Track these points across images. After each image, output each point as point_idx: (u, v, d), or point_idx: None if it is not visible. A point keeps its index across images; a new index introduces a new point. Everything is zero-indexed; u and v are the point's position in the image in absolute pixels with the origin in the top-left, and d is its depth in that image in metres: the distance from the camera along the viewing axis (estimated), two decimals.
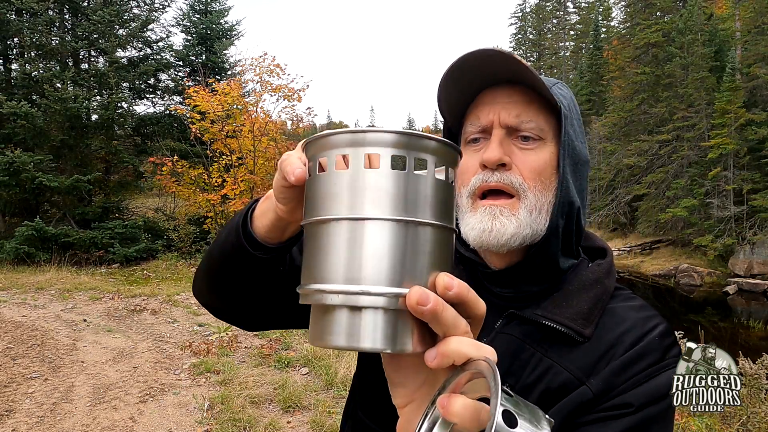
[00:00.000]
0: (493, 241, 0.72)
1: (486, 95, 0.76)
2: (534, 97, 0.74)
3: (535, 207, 0.73)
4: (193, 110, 12.07)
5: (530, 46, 49.88)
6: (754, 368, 3.89)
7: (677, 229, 20.32)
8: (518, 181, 0.73)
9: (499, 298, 0.80)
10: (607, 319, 0.74)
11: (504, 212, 0.73)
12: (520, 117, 0.74)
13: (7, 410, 4.23)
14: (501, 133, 0.74)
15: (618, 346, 0.71)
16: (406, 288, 0.41)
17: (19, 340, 5.84)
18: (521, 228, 0.72)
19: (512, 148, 0.74)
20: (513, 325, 0.76)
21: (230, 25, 15.41)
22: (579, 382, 0.69)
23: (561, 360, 0.71)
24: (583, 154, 0.78)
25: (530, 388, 0.71)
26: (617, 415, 0.67)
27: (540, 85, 0.72)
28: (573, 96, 0.81)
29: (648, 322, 0.74)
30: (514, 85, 0.75)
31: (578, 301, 0.74)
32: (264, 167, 13.01)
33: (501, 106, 0.74)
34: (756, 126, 17.92)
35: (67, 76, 11.29)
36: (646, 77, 23.41)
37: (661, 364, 0.70)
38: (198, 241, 12.41)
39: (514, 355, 0.73)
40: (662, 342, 0.72)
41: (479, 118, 0.76)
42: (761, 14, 19.49)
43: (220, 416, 4.30)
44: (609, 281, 0.78)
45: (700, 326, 8.02)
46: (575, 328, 0.71)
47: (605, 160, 25.72)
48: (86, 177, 11.03)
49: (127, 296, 8.09)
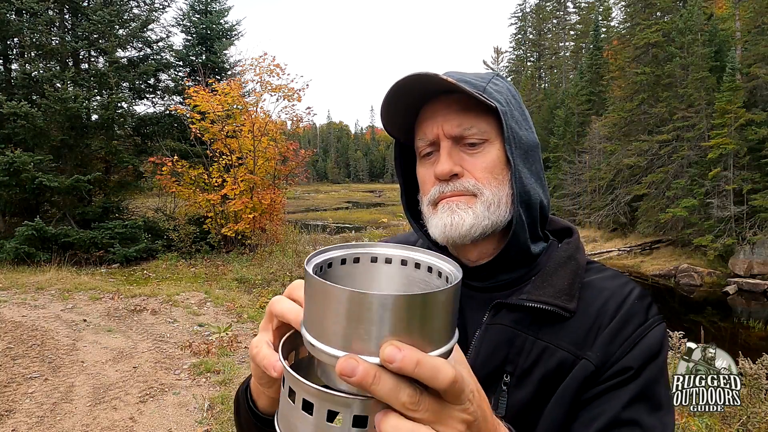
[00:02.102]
0: (455, 233, 0.77)
1: (427, 110, 0.80)
2: (471, 103, 0.77)
3: (493, 201, 0.77)
4: (193, 110, 12.07)
5: (530, 46, 49.89)
6: (754, 368, 3.89)
7: (677, 229, 20.31)
8: (471, 184, 0.77)
9: (480, 291, 0.83)
10: (586, 292, 0.78)
11: (461, 206, 0.77)
12: (462, 126, 0.77)
13: (7, 410, 4.23)
14: (448, 144, 0.78)
15: (603, 316, 0.75)
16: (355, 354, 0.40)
17: (19, 340, 5.84)
18: (478, 219, 0.76)
19: (461, 155, 0.78)
20: (501, 314, 0.78)
21: (230, 25, 15.40)
22: (574, 357, 0.72)
23: (553, 339, 0.74)
24: (530, 140, 0.82)
25: (529, 372, 0.74)
26: (621, 382, 0.70)
27: (471, 94, 0.74)
28: (510, 86, 0.84)
29: (624, 288, 0.78)
30: (449, 95, 0.78)
31: (557, 280, 0.78)
32: (264, 167, 13.02)
33: (443, 118, 0.78)
34: (756, 126, 17.92)
35: (67, 76, 11.29)
36: (646, 77, 23.40)
37: (646, 324, 0.74)
38: (198, 241, 12.41)
39: (509, 343, 0.76)
40: (642, 303, 0.76)
41: (425, 133, 0.80)
42: (761, 14, 19.49)
43: (220, 416, 4.30)
44: (581, 256, 0.83)
45: (701, 327, 8.02)
46: (560, 305, 0.75)
47: (605, 160, 25.72)
48: (86, 177, 11.03)
49: (127, 296, 8.08)
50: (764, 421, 3.64)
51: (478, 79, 0.80)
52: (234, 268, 10.59)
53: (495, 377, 0.75)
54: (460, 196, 0.78)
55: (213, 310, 7.76)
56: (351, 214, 36.86)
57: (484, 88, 0.78)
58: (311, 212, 38.51)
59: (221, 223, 12.50)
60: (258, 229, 12.43)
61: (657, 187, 21.83)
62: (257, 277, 9.70)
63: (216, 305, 7.97)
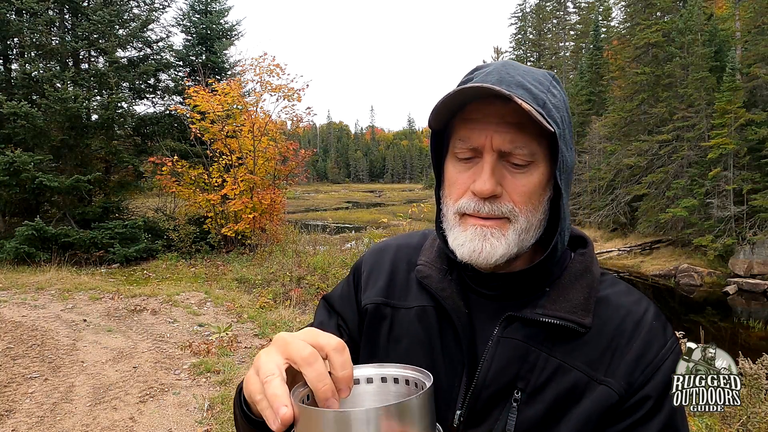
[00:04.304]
0: (482, 261, 0.73)
1: (477, 111, 0.72)
2: (526, 119, 0.70)
3: (524, 228, 0.73)
4: (193, 110, 12.07)
5: (530, 46, 49.88)
6: (754, 368, 3.88)
7: (677, 229, 20.30)
8: (508, 209, 0.72)
9: (489, 298, 0.80)
10: (602, 309, 0.75)
11: (495, 234, 0.72)
12: (513, 143, 0.71)
13: (7, 410, 4.23)
14: (493, 159, 0.71)
15: (619, 336, 0.73)
16: None
17: (19, 340, 5.84)
18: (509, 248, 0.73)
19: (503, 172, 0.72)
20: (513, 327, 0.75)
21: (230, 25, 15.39)
22: (588, 378, 0.71)
23: (567, 358, 0.72)
24: (572, 161, 0.77)
25: (541, 389, 0.72)
26: (646, 416, 0.70)
27: (537, 120, 0.68)
28: (564, 94, 0.78)
29: (639, 305, 0.77)
30: (507, 102, 0.69)
31: (573, 293, 0.76)
32: (264, 167, 13.02)
33: (494, 129, 0.71)
34: (756, 126, 17.91)
35: (67, 76, 11.29)
36: (646, 77, 23.40)
37: (666, 347, 0.73)
38: (198, 241, 12.41)
39: (522, 359, 0.73)
40: (659, 324, 0.75)
41: (470, 138, 0.73)
42: (761, 14, 19.49)
43: (220, 416, 4.30)
44: (595, 268, 0.80)
45: (701, 327, 8.02)
46: (576, 320, 0.73)
47: (605, 160, 25.71)
48: (86, 177, 11.02)
49: (127, 296, 8.08)
50: (764, 421, 3.64)
51: (536, 84, 0.73)
52: (234, 268, 10.59)
53: (505, 393, 0.73)
54: (494, 220, 0.73)
55: (213, 310, 7.76)
56: (351, 214, 36.87)
57: (544, 102, 0.71)
58: (311, 212, 38.52)
59: (221, 223, 12.50)
60: (258, 229, 12.43)
61: (657, 187, 21.83)
62: (257, 277, 9.70)
63: (216, 305, 7.98)
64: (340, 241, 14.59)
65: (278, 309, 7.96)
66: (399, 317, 0.85)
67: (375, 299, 0.88)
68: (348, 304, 0.92)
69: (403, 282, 0.88)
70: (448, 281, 0.82)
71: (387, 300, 0.87)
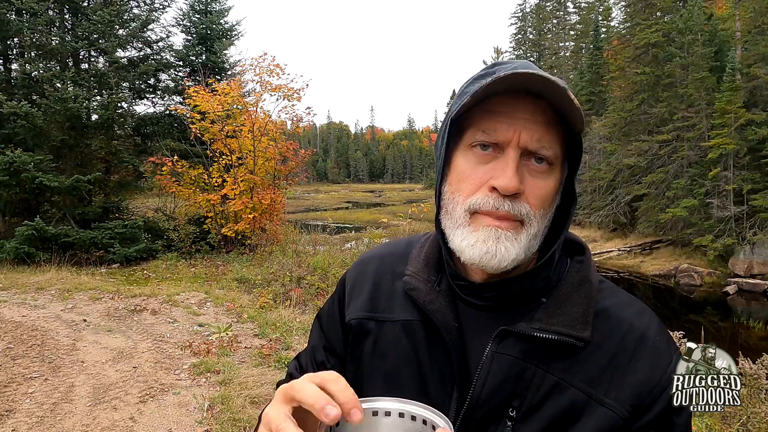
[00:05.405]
0: (494, 264, 0.68)
1: (503, 103, 0.69)
2: (554, 119, 0.68)
3: (534, 234, 0.70)
4: (193, 110, 12.07)
5: (530, 46, 49.88)
6: (754, 368, 3.88)
7: (677, 229, 20.30)
8: (525, 210, 0.69)
9: (480, 309, 0.76)
10: (602, 322, 0.72)
11: (509, 236, 0.68)
12: (541, 142, 0.68)
13: (7, 410, 4.23)
14: (516, 155, 0.68)
15: (621, 354, 0.70)
16: None
17: (19, 340, 5.84)
18: (520, 253, 0.69)
19: (524, 172, 0.69)
20: (508, 343, 0.71)
21: (230, 25, 15.40)
22: (587, 396, 0.68)
23: (565, 375, 0.69)
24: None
25: (537, 407, 0.69)
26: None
27: (578, 120, 0.66)
28: None
29: (641, 318, 0.73)
30: (538, 99, 0.67)
31: (571, 306, 0.72)
32: (264, 167, 13.02)
33: (523, 124, 0.68)
34: (756, 126, 17.91)
35: (67, 76, 11.29)
36: (646, 77, 23.39)
37: (671, 365, 0.70)
38: (198, 241, 12.41)
39: (517, 377, 0.70)
40: (663, 339, 0.72)
41: (496, 130, 0.68)
42: (761, 14, 19.48)
43: (220, 416, 4.30)
44: (593, 276, 0.77)
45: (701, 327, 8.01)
46: (575, 335, 0.69)
47: (605, 160, 25.72)
48: (86, 177, 11.02)
49: (127, 296, 8.08)
50: (764, 421, 3.64)
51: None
52: (234, 268, 10.59)
53: (500, 412, 0.70)
54: (509, 222, 0.69)
55: (213, 310, 7.76)
56: (351, 214, 36.86)
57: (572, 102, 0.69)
58: (311, 212, 38.51)
59: (221, 223, 12.50)
60: (258, 229, 12.44)
61: (657, 187, 21.83)
62: (257, 277, 9.70)
63: (216, 305, 7.98)
64: (340, 241, 14.61)
65: (278, 309, 7.96)
66: (384, 331, 0.81)
67: (358, 314, 0.84)
68: (332, 323, 0.89)
69: (388, 293, 0.84)
70: (436, 293, 0.78)
71: (371, 314, 0.83)
